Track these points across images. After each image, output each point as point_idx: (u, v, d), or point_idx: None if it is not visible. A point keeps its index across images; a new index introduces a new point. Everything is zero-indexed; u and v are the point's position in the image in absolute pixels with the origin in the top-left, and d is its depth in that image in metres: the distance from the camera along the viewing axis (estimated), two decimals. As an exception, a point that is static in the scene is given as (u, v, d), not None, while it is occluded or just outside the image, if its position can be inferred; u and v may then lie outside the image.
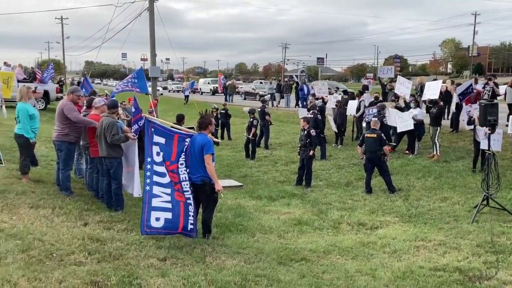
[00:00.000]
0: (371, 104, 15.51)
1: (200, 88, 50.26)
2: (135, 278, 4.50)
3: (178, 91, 54.67)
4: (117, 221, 6.88)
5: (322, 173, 13.03)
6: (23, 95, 8.69)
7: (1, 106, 15.09)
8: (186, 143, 6.66)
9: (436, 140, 12.91)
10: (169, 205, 6.53)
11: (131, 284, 4.36)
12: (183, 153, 6.61)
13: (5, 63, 26.58)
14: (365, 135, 11.15)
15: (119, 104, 8.84)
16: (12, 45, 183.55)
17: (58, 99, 22.20)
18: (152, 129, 6.61)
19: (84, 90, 12.59)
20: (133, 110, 8.22)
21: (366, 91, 17.73)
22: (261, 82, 37.99)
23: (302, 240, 7.49)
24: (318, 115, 14.84)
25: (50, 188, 8.38)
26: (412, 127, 13.12)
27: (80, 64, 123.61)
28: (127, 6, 23.95)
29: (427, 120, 13.83)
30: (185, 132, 6.98)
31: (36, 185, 8.46)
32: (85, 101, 8.79)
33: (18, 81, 20.53)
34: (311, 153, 11.53)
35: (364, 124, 15.00)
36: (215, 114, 18.21)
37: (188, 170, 6.55)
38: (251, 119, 15.62)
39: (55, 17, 58.72)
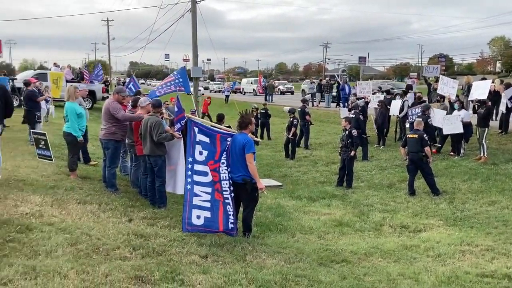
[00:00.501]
0: (414, 104, 15.15)
1: (242, 88, 50.28)
2: (177, 274, 4.58)
3: (219, 91, 54.93)
4: (160, 218, 7.04)
5: (364, 174, 12.83)
6: (71, 95, 9.05)
7: (47, 101, 15.71)
8: (228, 142, 6.74)
9: (483, 142, 12.42)
10: (208, 204, 6.62)
11: (174, 280, 4.44)
12: (225, 152, 6.69)
13: (54, 64, 27.77)
14: (408, 136, 10.92)
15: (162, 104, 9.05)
16: (61, 46, 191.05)
17: (104, 98, 22.96)
18: (196, 129, 6.72)
19: (132, 88, 12.95)
20: (175, 109, 8.38)
21: (410, 91, 17.32)
22: (312, 82, 35.97)
23: (343, 242, 7.41)
24: (360, 115, 14.62)
25: (96, 185, 8.69)
26: (461, 131, 12.62)
27: (125, 65, 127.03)
28: (170, 8, 24.43)
29: (474, 121, 13.34)
30: (226, 132, 7.07)
31: (83, 181, 8.78)
32: (130, 101, 9.06)
33: (67, 81, 21.41)
34: (352, 153, 11.38)
35: (407, 125, 14.67)
36: (255, 114, 18.28)
37: (229, 169, 6.62)
38: (291, 119, 15.58)
39: (101, 19, 60.64)
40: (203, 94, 37.44)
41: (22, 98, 14.35)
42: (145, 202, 7.97)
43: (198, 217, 6.55)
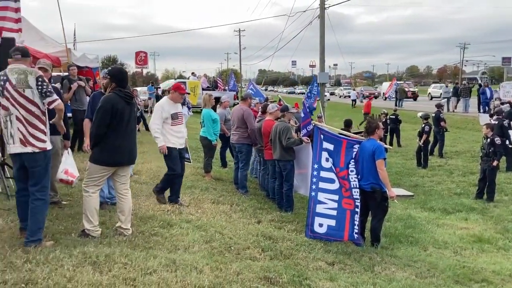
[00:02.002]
0: None
1: (383, 93, 47.52)
2: (304, 279, 4.60)
3: (348, 96, 53.01)
4: (287, 222, 7.17)
5: (508, 187, 11.55)
6: (206, 102, 9.73)
7: (189, 108, 16.98)
8: (355, 150, 6.62)
9: None
10: (334, 213, 6.55)
11: (301, 284, 4.47)
12: (353, 160, 6.57)
13: (192, 73, 30.06)
14: None
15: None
16: (197, 57, 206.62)
17: (235, 105, 24.17)
18: (322, 136, 6.73)
19: (254, 94, 13.44)
20: (302, 115, 8.48)
21: None
22: (446, 85, 31.19)
23: (483, 260, 6.77)
24: (504, 122, 13.22)
25: (228, 186, 9.19)
26: None
27: (254, 73, 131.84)
28: (298, 15, 24.84)
29: None
30: (353, 139, 6.95)
31: (216, 182, 9.36)
32: (260, 107, 9.42)
33: (203, 89, 22.99)
34: (494, 163, 10.33)
35: None
36: (383, 119, 17.62)
37: (358, 176, 6.49)
38: (423, 125, 14.72)
39: (234, 30, 64.00)
40: (329, 100, 37.26)
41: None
42: (272, 205, 8.20)
43: (321, 225, 6.54)
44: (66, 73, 10.46)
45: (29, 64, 4.72)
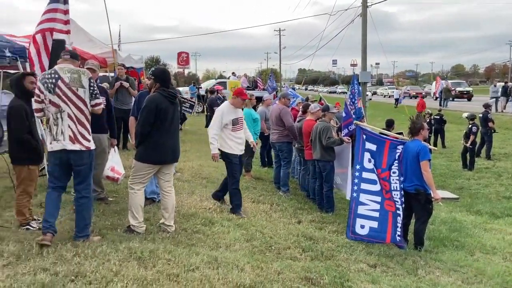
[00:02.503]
0: None
1: (433, 93, 45.06)
2: (346, 280, 4.56)
3: (392, 95, 50.70)
4: (328, 223, 7.11)
5: (562, 191, 11.01)
6: (247, 102, 9.77)
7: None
8: (398, 151, 6.46)
9: None
10: (376, 214, 6.42)
11: (343, 286, 4.42)
12: (396, 161, 6.42)
13: (233, 73, 30.35)
14: None
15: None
16: (237, 57, 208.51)
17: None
18: (364, 136, 6.62)
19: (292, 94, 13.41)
20: (343, 115, 8.39)
21: None
22: (495, 85, 29.98)
23: (535, 267, 6.46)
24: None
25: (268, 186, 9.21)
26: None
27: (294, 72, 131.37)
28: (340, 14, 24.55)
29: None
30: (397, 139, 6.79)
31: (257, 182, 9.41)
32: (301, 107, 9.39)
33: (243, 89, 23.13)
34: (547, 166, 9.87)
35: None
36: (428, 120, 17.14)
37: (401, 178, 6.34)
38: (470, 126, 14.22)
39: (274, 29, 64.02)
40: (370, 99, 36.56)
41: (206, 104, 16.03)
42: (312, 206, 8.16)
43: (362, 226, 6.42)
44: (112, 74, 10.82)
45: (77, 66, 4.87)
